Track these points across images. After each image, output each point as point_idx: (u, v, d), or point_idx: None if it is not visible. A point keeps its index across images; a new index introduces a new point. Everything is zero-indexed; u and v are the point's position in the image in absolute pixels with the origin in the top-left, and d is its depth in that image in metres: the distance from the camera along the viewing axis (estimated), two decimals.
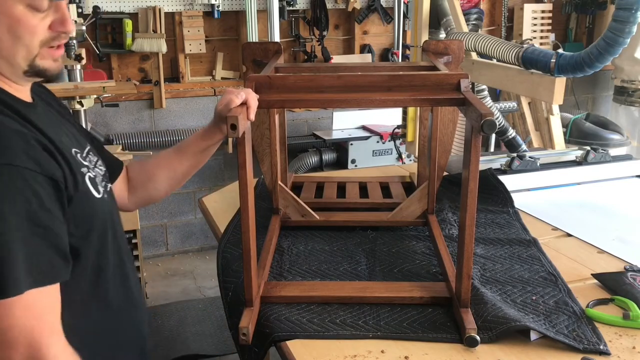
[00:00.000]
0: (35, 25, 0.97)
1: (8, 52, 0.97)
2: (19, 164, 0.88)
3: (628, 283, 1.34)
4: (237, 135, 1.08)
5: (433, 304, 1.30)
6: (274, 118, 1.68)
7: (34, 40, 0.98)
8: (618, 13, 1.95)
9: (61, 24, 1.00)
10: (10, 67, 0.99)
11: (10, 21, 0.95)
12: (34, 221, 0.89)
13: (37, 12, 0.96)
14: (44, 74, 1.03)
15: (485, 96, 2.95)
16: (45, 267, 0.91)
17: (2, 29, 0.95)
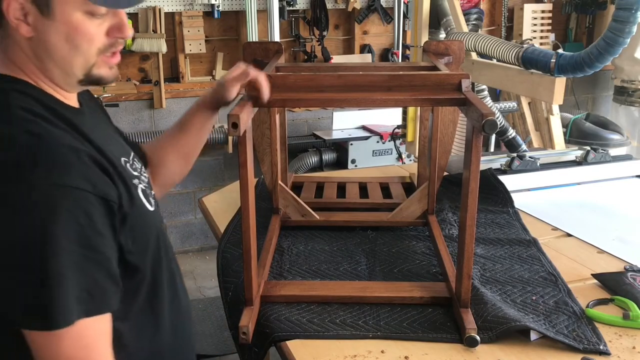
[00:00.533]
0: (93, 33, 0.92)
1: (65, 62, 0.92)
2: (72, 184, 0.83)
3: (628, 283, 1.34)
4: (238, 133, 1.08)
5: (433, 304, 1.30)
6: (274, 118, 1.68)
7: (91, 49, 0.93)
8: (618, 13, 1.95)
9: (119, 29, 0.95)
10: (66, 77, 0.94)
11: (68, 29, 0.90)
12: (86, 245, 0.84)
13: (94, 18, 0.91)
14: (99, 83, 0.98)
15: (485, 96, 2.95)
16: (97, 294, 0.86)
17: (59, 37, 0.90)
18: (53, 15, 0.88)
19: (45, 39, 0.90)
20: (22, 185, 0.81)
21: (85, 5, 0.89)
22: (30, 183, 0.81)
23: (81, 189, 0.84)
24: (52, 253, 0.80)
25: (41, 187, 0.81)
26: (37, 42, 0.91)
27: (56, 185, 0.82)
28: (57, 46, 0.91)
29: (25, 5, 0.87)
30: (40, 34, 0.90)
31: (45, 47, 0.91)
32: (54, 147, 0.85)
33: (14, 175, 0.81)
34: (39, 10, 0.88)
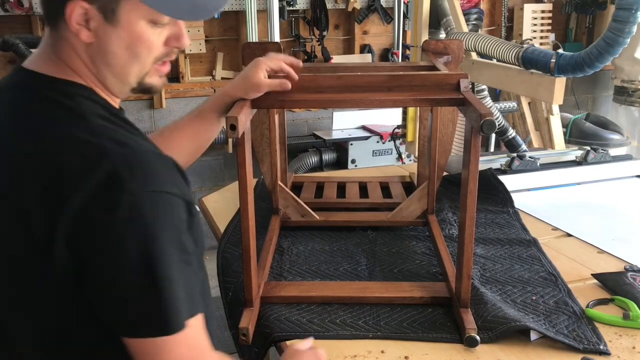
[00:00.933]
0: (153, 42, 0.91)
1: (122, 70, 0.91)
2: (166, 189, 0.83)
3: (628, 283, 1.34)
4: (236, 135, 1.08)
5: (433, 304, 1.30)
6: (273, 118, 1.68)
7: (149, 58, 0.92)
8: (618, 13, 1.95)
9: (177, 39, 0.94)
10: (120, 84, 0.93)
11: (131, 37, 0.88)
12: (182, 248, 0.84)
13: (156, 27, 0.90)
14: (149, 91, 0.98)
15: (485, 96, 2.95)
16: (195, 294, 0.87)
17: (120, 44, 0.89)
18: (117, 22, 0.87)
19: (106, 45, 0.89)
20: (123, 195, 0.79)
21: (151, 14, 0.88)
22: (131, 191, 0.80)
23: (173, 194, 0.84)
24: (160, 258, 0.81)
25: (142, 195, 0.80)
26: (96, 48, 0.89)
27: (154, 192, 0.82)
28: (117, 53, 0.89)
29: (90, 10, 0.85)
30: (100, 40, 0.88)
31: (104, 54, 0.89)
32: (141, 154, 0.84)
33: (114, 185, 0.80)
34: (104, 16, 0.86)
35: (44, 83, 0.89)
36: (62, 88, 0.89)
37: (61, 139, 0.84)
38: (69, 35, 0.88)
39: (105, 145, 0.82)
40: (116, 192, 0.79)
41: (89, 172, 0.80)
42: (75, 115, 0.86)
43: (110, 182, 0.80)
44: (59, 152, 0.82)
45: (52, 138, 0.84)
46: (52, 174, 0.81)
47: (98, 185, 0.79)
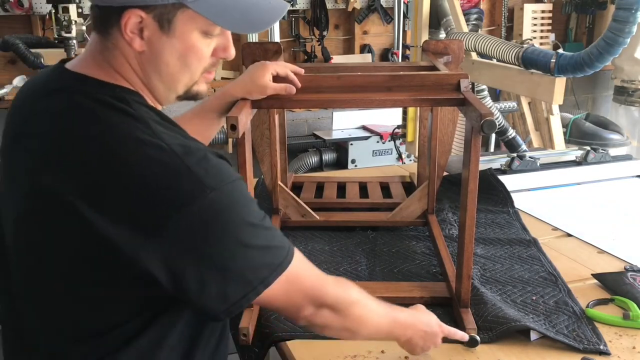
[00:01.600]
0: (204, 53, 0.92)
1: (172, 78, 0.93)
2: (234, 176, 0.88)
3: (628, 283, 1.34)
4: (237, 135, 1.08)
5: (433, 304, 1.29)
6: (273, 118, 1.68)
7: (199, 68, 0.94)
8: (618, 13, 1.95)
9: (224, 50, 0.96)
10: (167, 92, 0.95)
11: (184, 47, 0.90)
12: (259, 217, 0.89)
13: (207, 38, 0.92)
14: (194, 98, 1.00)
15: (485, 96, 2.95)
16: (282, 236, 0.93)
17: (173, 54, 0.90)
18: (172, 32, 0.88)
19: (158, 54, 0.89)
20: (205, 194, 0.81)
21: (205, 25, 0.89)
22: (212, 188, 0.82)
23: (238, 178, 0.88)
24: (261, 227, 0.88)
25: (221, 188, 0.83)
26: (148, 57, 0.90)
27: (230, 182, 0.85)
28: (169, 63, 0.90)
29: (145, 20, 0.86)
30: (153, 49, 0.89)
31: (156, 63, 0.90)
32: (203, 151, 0.86)
33: (199, 188, 0.81)
34: (159, 25, 0.87)
35: (96, 86, 0.89)
36: (117, 93, 0.89)
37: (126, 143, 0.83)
38: (120, 43, 0.89)
39: (174, 149, 0.83)
40: (199, 191, 0.81)
41: (168, 175, 0.81)
42: (137, 119, 0.86)
43: (195, 185, 0.81)
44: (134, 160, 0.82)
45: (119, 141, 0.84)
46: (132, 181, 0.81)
47: (180, 188, 0.81)
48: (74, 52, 3.06)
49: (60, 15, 2.95)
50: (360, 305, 0.99)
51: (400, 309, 1.06)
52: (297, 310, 0.93)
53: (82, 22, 3.06)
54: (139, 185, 0.81)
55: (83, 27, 3.03)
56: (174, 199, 0.81)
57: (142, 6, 0.85)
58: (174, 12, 0.86)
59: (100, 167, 0.83)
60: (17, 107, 0.97)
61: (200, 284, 0.83)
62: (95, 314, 0.88)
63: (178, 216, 0.80)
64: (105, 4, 0.87)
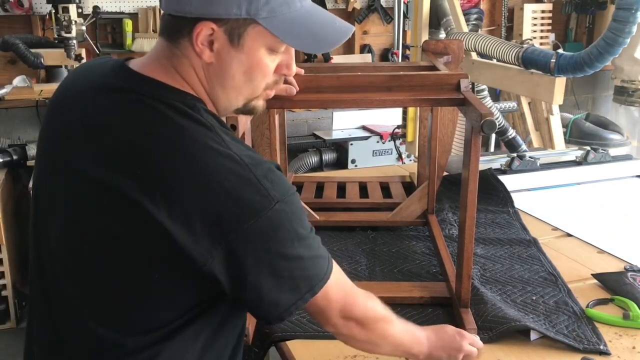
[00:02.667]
0: (269, 69, 0.94)
1: (235, 91, 0.94)
2: (292, 190, 0.89)
3: (628, 283, 1.34)
4: (237, 135, 1.08)
5: (433, 304, 1.30)
6: (273, 118, 1.68)
7: (262, 83, 0.95)
8: (618, 13, 1.95)
9: (287, 67, 0.97)
10: (228, 104, 0.96)
11: (251, 62, 0.91)
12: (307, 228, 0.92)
13: (272, 54, 0.93)
14: (251, 112, 1.01)
15: (485, 96, 2.95)
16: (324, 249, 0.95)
17: (240, 68, 0.91)
18: (241, 46, 0.89)
19: (226, 67, 0.91)
20: (269, 204, 0.84)
21: (272, 42, 0.90)
22: (275, 199, 0.84)
23: (294, 191, 0.90)
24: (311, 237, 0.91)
25: (283, 200, 0.86)
26: (215, 69, 0.91)
27: (289, 194, 0.87)
28: (235, 76, 0.92)
29: (217, 32, 0.87)
30: (221, 61, 0.90)
31: (222, 75, 0.92)
32: (265, 163, 0.89)
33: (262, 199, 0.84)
34: (230, 39, 0.88)
35: (167, 91, 0.90)
36: (188, 100, 0.90)
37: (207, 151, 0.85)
38: (189, 52, 0.90)
39: (241, 159, 0.85)
40: (265, 203, 0.84)
41: (246, 189, 0.84)
42: (205, 126, 0.88)
43: (263, 197, 0.84)
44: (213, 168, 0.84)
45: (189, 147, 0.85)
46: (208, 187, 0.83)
47: (255, 202, 0.84)
48: (74, 52, 3.06)
49: (60, 15, 2.96)
50: (385, 321, 1.01)
51: (424, 328, 1.07)
52: (327, 318, 0.96)
53: (82, 22, 3.07)
54: (215, 192, 0.83)
55: (83, 27, 3.03)
56: (244, 208, 0.83)
57: (215, 19, 0.86)
58: (245, 28, 0.88)
59: (174, 170, 0.84)
60: (71, 96, 0.96)
61: (258, 289, 0.86)
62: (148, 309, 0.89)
63: (247, 225, 0.83)
64: (179, 14, 0.88)
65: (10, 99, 3.15)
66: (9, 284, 2.81)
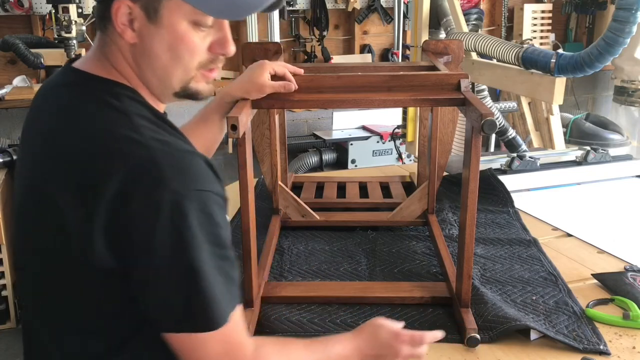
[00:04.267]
0: (196, 45, 0.89)
1: (164, 72, 0.90)
2: (209, 188, 0.85)
3: (628, 283, 1.34)
4: (237, 135, 1.08)
5: (433, 304, 1.30)
6: (273, 118, 1.68)
7: (192, 61, 0.90)
8: (618, 13, 1.95)
9: (221, 45, 0.92)
10: (163, 87, 0.93)
11: (173, 38, 0.87)
12: (220, 244, 0.85)
13: (199, 30, 0.89)
14: (195, 97, 0.96)
15: (485, 96, 2.95)
16: (234, 288, 0.88)
17: (162, 45, 0.88)
18: (160, 22, 0.86)
19: (149, 46, 0.88)
20: (166, 193, 0.80)
21: (194, 15, 0.87)
22: (173, 190, 0.80)
23: (213, 192, 0.85)
24: (201, 258, 0.82)
25: (185, 193, 0.81)
26: (140, 49, 0.89)
27: (197, 190, 0.82)
28: (159, 54, 0.89)
29: (133, 10, 0.86)
30: (144, 40, 0.88)
31: (147, 55, 0.89)
32: (183, 153, 0.85)
33: (157, 184, 0.80)
34: (147, 15, 0.86)
35: (94, 83, 0.90)
36: (111, 89, 0.89)
37: (105, 135, 0.84)
38: (115, 37, 0.89)
39: (150, 144, 0.83)
40: (159, 190, 0.80)
41: (132, 167, 0.81)
42: (121, 113, 0.86)
43: (153, 179, 0.80)
44: (103, 148, 0.83)
45: (96, 134, 0.85)
46: (94, 168, 0.82)
47: (141, 182, 0.80)
48: (74, 52, 3.06)
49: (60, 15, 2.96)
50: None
51: (335, 342, 1.00)
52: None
53: (82, 22, 3.07)
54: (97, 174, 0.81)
55: (83, 27, 3.03)
56: (136, 195, 0.80)
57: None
58: (160, 1, 0.85)
59: (73, 162, 0.83)
60: (32, 105, 0.98)
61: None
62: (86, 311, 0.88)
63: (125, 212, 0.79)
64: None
65: (10, 99, 3.15)
66: (9, 284, 2.81)
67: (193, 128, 1.31)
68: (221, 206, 0.88)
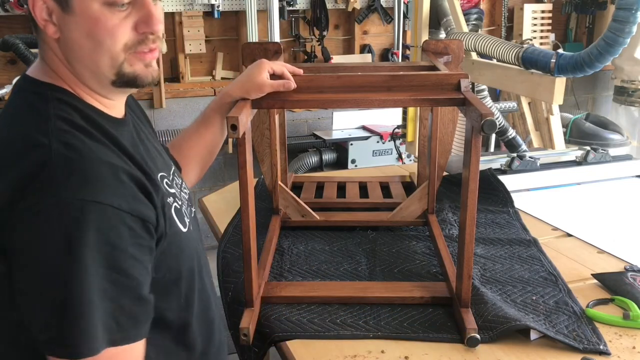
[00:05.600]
0: (114, 26, 0.84)
1: (90, 60, 0.86)
2: (104, 200, 0.77)
3: (628, 283, 1.34)
4: (237, 135, 1.08)
5: (433, 304, 1.30)
6: (273, 118, 1.68)
7: (116, 45, 0.85)
8: (618, 13, 1.95)
9: (145, 23, 0.86)
10: (96, 78, 0.88)
11: (88, 23, 0.83)
12: (115, 267, 0.77)
13: (115, 10, 0.84)
14: (135, 83, 0.90)
15: (485, 96, 2.95)
16: (125, 322, 0.79)
17: (81, 33, 0.84)
18: (73, 9, 0.83)
19: (69, 36, 0.85)
20: (50, 199, 0.75)
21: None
22: (60, 197, 0.75)
23: (114, 207, 0.78)
24: (77, 275, 0.75)
25: (70, 202, 0.75)
26: (64, 43, 0.86)
27: (86, 201, 0.76)
28: (80, 43, 0.85)
29: (48, 3, 0.84)
30: (64, 32, 0.85)
31: (71, 46, 0.86)
32: (89, 161, 0.79)
33: (44, 188, 0.76)
34: (60, 6, 0.83)
35: (28, 85, 0.89)
36: (42, 92, 0.87)
37: (13, 137, 0.82)
38: (43, 35, 0.88)
39: (52, 147, 0.78)
40: (45, 194, 0.75)
41: (26, 170, 0.77)
42: (41, 117, 0.83)
43: (43, 182, 0.76)
44: (6, 150, 0.81)
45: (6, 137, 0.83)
46: None
47: (30, 183, 0.76)
48: None
49: None
50: None
51: None
52: None
53: None
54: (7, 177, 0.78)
55: None
56: (25, 195, 0.76)
57: None
58: None
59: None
60: None
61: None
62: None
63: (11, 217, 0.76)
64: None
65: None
66: None
67: (194, 130, 1.31)
68: (129, 226, 0.79)
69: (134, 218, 0.80)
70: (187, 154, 1.28)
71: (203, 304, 1.04)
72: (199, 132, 1.30)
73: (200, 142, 1.29)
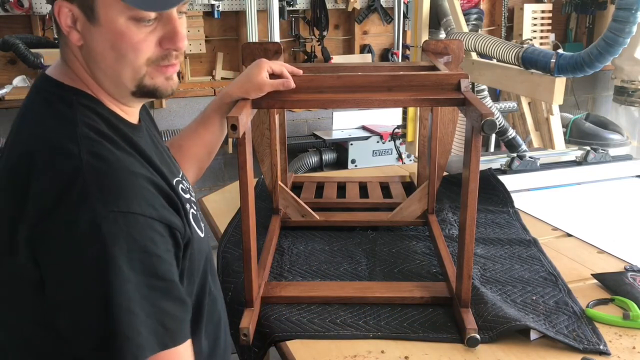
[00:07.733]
0: (140, 41, 0.85)
1: (113, 71, 0.87)
2: (137, 210, 0.78)
3: (628, 283, 1.34)
4: (237, 135, 1.08)
5: (433, 304, 1.30)
6: (273, 118, 1.68)
7: (139, 59, 0.86)
8: (618, 13, 1.95)
9: (170, 40, 0.87)
10: (116, 87, 0.89)
11: (113, 36, 0.84)
12: (152, 274, 0.79)
13: (142, 25, 0.85)
14: (154, 95, 0.91)
15: (485, 96, 2.95)
16: (171, 325, 0.81)
17: (105, 44, 0.85)
18: (98, 20, 0.84)
19: (93, 46, 0.86)
20: (86, 211, 0.76)
21: (130, 10, 0.83)
22: (94, 209, 0.76)
23: (145, 215, 0.79)
24: (118, 285, 0.76)
25: (105, 216, 0.76)
26: (87, 51, 0.87)
27: (120, 212, 0.77)
28: (104, 54, 0.86)
29: (73, 11, 0.84)
30: (88, 41, 0.86)
31: (94, 56, 0.87)
32: (119, 171, 0.80)
33: (78, 202, 0.76)
34: (86, 15, 0.84)
35: (50, 87, 0.89)
36: (67, 96, 0.87)
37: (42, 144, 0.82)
38: (67, 40, 0.88)
39: (82, 157, 0.79)
40: (80, 207, 0.76)
41: (58, 180, 0.78)
42: (66, 122, 0.84)
43: (76, 196, 0.76)
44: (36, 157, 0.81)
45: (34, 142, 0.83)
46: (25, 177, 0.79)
47: (63, 196, 0.77)
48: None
49: None
50: None
51: None
52: None
53: None
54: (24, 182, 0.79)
55: None
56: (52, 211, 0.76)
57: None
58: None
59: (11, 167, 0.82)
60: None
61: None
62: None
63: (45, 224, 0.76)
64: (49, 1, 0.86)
65: (10, 99, 3.15)
66: None
67: (193, 130, 1.31)
68: (159, 233, 0.81)
69: (163, 225, 0.82)
70: (185, 153, 1.28)
71: (211, 305, 1.06)
72: (198, 132, 1.30)
73: (199, 142, 1.29)
